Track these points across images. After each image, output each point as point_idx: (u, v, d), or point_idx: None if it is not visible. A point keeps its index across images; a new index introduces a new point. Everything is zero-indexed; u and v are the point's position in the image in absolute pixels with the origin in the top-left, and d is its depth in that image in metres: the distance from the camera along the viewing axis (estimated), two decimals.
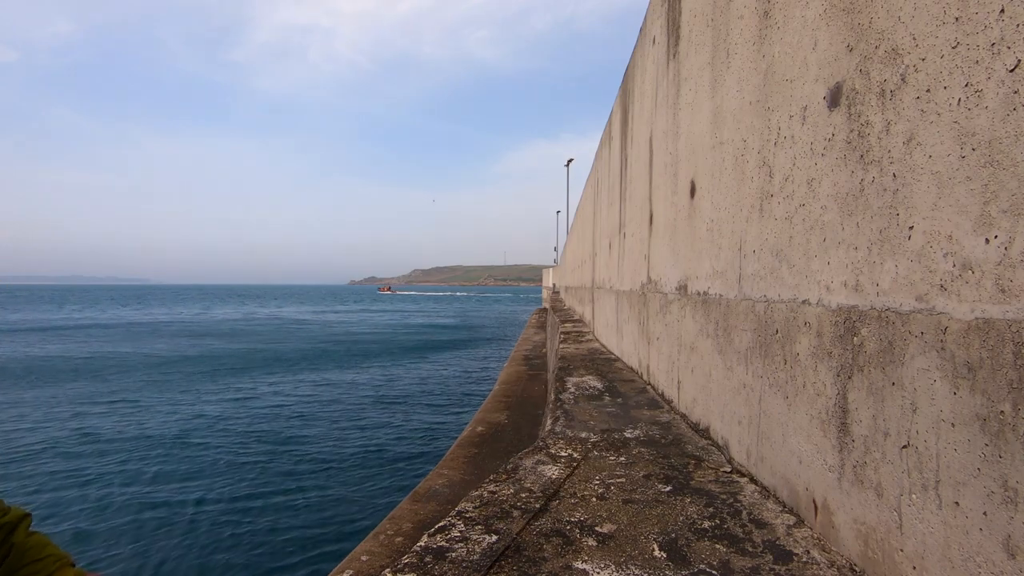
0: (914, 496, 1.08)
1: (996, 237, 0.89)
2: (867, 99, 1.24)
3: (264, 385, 17.24)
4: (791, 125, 1.62)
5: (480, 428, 5.85)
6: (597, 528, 1.54)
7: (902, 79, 1.12)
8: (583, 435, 2.53)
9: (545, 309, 27.13)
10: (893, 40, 1.15)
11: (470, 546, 1.41)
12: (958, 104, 0.97)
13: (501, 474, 1.98)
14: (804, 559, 1.34)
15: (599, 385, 3.89)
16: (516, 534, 1.48)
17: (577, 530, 1.52)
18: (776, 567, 1.31)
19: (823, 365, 1.43)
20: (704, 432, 2.48)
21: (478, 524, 1.55)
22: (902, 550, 1.11)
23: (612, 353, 5.83)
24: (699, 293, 2.57)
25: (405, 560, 1.33)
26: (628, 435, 2.54)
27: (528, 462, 2.13)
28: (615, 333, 5.75)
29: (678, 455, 2.24)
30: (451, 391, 16.48)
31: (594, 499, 1.75)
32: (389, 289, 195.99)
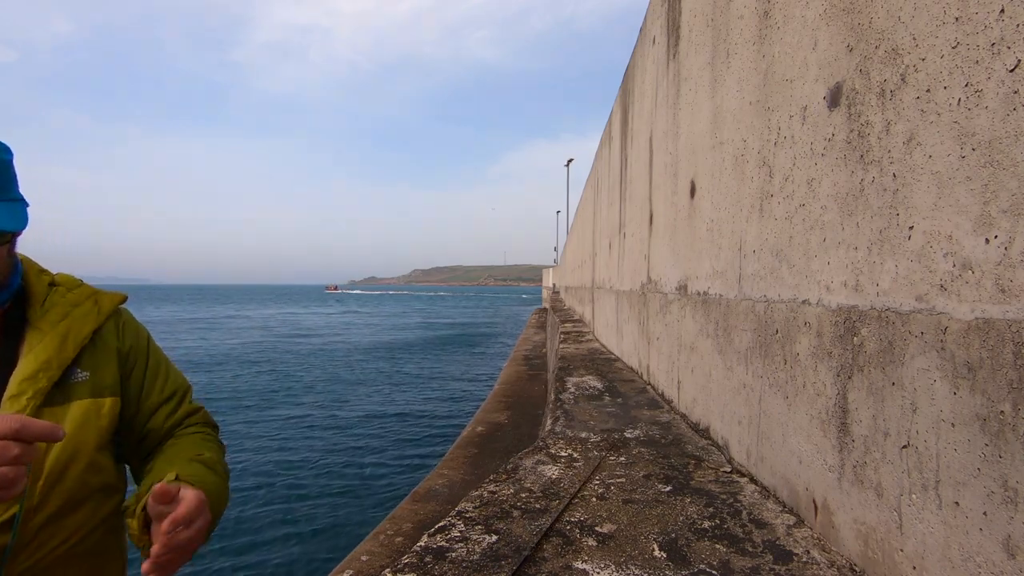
0: (914, 496, 1.08)
1: (996, 237, 0.89)
2: (867, 99, 1.24)
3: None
4: (791, 125, 1.62)
5: (480, 428, 5.85)
6: (597, 528, 1.54)
7: (902, 79, 1.12)
8: (583, 435, 2.53)
9: (545, 309, 27.13)
10: (893, 40, 1.15)
11: (470, 546, 1.41)
12: (958, 104, 0.97)
13: (501, 474, 1.98)
14: (804, 559, 1.34)
15: (599, 385, 3.89)
16: (516, 535, 1.48)
17: (577, 530, 1.52)
18: (776, 567, 1.31)
19: (823, 365, 1.43)
20: (704, 432, 2.48)
21: (478, 524, 1.55)
22: (902, 550, 1.11)
23: (612, 353, 5.83)
24: (699, 293, 2.57)
25: (405, 560, 1.33)
26: (628, 435, 2.54)
27: (528, 462, 2.13)
28: (615, 333, 5.75)
29: (678, 455, 2.24)
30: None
31: (594, 499, 1.75)
32: (336, 288, 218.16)
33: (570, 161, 39.70)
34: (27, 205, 1.02)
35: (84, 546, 1.00)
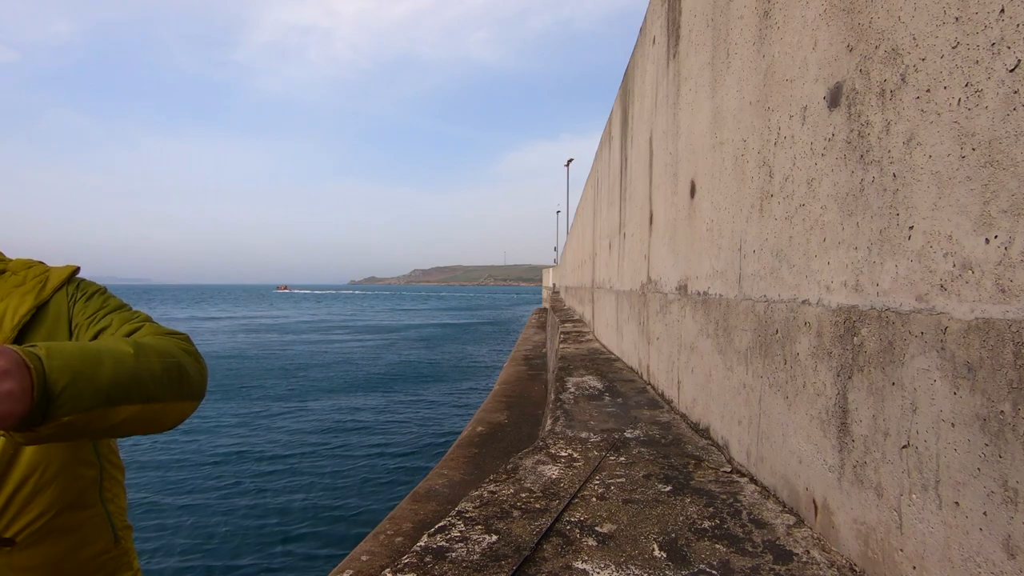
0: (914, 496, 1.08)
1: (996, 237, 0.89)
2: (867, 99, 1.24)
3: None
4: (791, 125, 1.62)
5: (480, 428, 5.85)
6: (597, 528, 1.54)
7: (902, 79, 1.12)
8: (583, 435, 2.53)
9: (545, 309, 27.12)
10: (893, 40, 1.15)
11: (470, 546, 1.41)
12: (958, 104, 0.97)
13: (501, 474, 1.98)
14: (804, 559, 1.34)
15: (599, 385, 3.89)
16: (516, 534, 1.48)
17: (577, 530, 1.52)
18: (776, 567, 1.31)
19: (823, 365, 1.43)
20: (704, 432, 2.48)
21: (478, 524, 1.55)
22: (902, 550, 1.11)
23: (612, 353, 5.83)
24: (699, 293, 2.57)
25: (405, 560, 1.33)
26: (628, 435, 2.55)
27: (528, 462, 2.13)
28: (615, 333, 5.75)
29: (678, 455, 2.24)
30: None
31: (594, 499, 1.75)
32: (286, 288, 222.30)
33: (570, 161, 39.68)
34: None
35: (57, 523, 1.01)
